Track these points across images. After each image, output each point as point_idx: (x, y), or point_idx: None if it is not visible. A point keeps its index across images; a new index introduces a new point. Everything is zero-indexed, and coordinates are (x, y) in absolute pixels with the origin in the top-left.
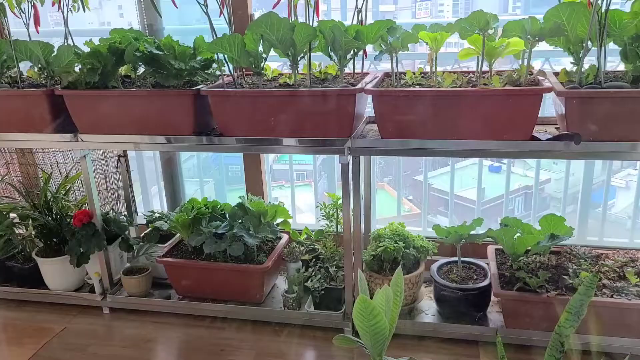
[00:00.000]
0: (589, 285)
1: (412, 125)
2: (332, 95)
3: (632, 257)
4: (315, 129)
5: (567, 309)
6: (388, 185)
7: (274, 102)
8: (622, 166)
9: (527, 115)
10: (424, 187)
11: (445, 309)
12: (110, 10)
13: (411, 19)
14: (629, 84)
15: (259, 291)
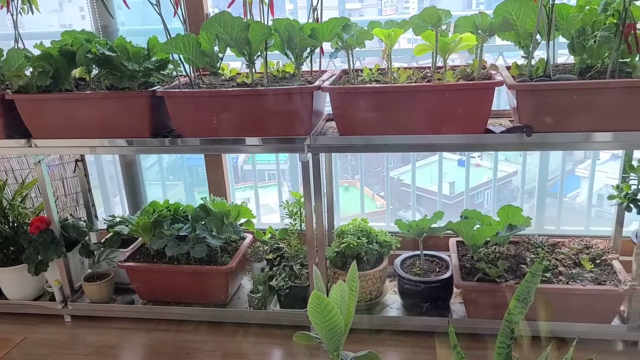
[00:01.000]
0: (535, 273)
1: (370, 121)
2: (289, 94)
3: (587, 244)
4: (274, 128)
5: (515, 296)
6: (359, 182)
7: (231, 102)
8: (585, 156)
9: (480, 108)
10: (387, 181)
11: (409, 302)
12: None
13: (377, 16)
14: (577, 75)
15: (224, 292)
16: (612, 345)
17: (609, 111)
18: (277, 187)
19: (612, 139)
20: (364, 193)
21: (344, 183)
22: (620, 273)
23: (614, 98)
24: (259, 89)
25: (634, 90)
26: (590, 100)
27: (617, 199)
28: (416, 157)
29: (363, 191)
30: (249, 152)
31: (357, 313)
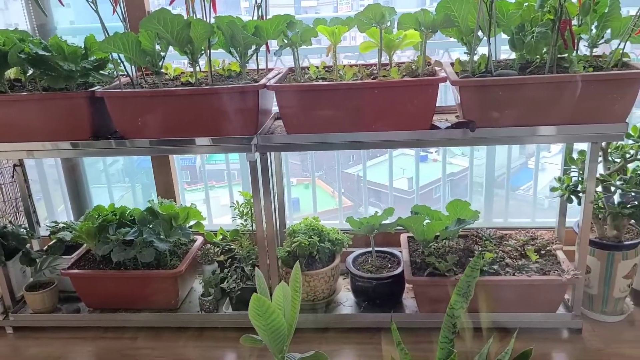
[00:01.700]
0: (474, 267)
1: (317, 119)
2: (234, 93)
3: (532, 235)
4: (220, 128)
5: (456, 291)
6: (320, 180)
7: (175, 102)
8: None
9: (425, 105)
10: (339, 177)
11: (361, 299)
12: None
13: (333, 13)
14: (517, 71)
15: (174, 297)
16: (558, 333)
17: (548, 105)
18: (228, 188)
19: (555, 133)
20: (325, 191)
21: (304, 181)
22: (563, 263)
23: (553, 92)
24: (203, 88)
25: (570, 85)
26: (531, 95)
27: (559, 190)
28: (369, 153)
29: (315, 189)
30: (196, 152)
31: (310, 312)
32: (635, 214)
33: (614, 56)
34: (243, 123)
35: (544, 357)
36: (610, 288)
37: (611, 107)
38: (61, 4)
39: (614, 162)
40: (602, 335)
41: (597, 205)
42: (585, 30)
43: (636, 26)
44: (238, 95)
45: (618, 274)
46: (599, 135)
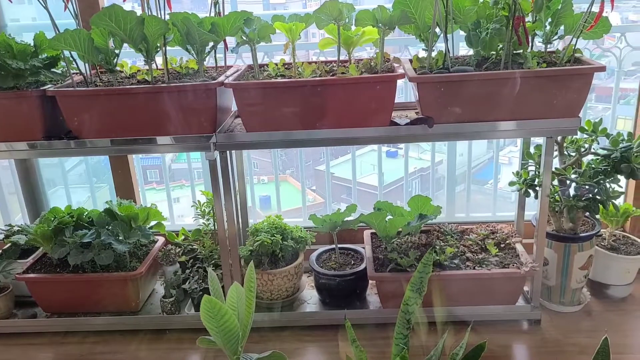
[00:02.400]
0: (426, 263)
1: (275, 117)
2: (191, 91)
3: (492, 229)
4: (178, 126)
5: (409, 286)
6: (291, 177)
7: (130, 100)
8: (504, 144)
9: (384, 101)
10: (301, 172)
11: (325, 296)
12: None
13: (302, 9)
14: (474, 67)
15: (135, 299)
16: (518, 325)
17: (504, 101)
18: (191, 187)
19: (511, 128)
20: (296, 188)
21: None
22: (522, 255)
23: (508, 88)
24: (158, 86)
25: (524, 80)
26: (487, 91)
27: (516, 184)
28: (340, 150)
29: (278, 186)
30: (153, 152)
31: (274, 311)
32: (589, 207)
33: (566, 52)
34: (201, 121)
35: (504, 348)
36: (568, 279)
37: (564, 102)
38: (10, 1)
39: (570, 156)
40: (560, 325)
41: (553, 199)
42: (540, 26)
43: (587, 22)
44: (195, 93)
45: (574, 265)
46: (553, 130)
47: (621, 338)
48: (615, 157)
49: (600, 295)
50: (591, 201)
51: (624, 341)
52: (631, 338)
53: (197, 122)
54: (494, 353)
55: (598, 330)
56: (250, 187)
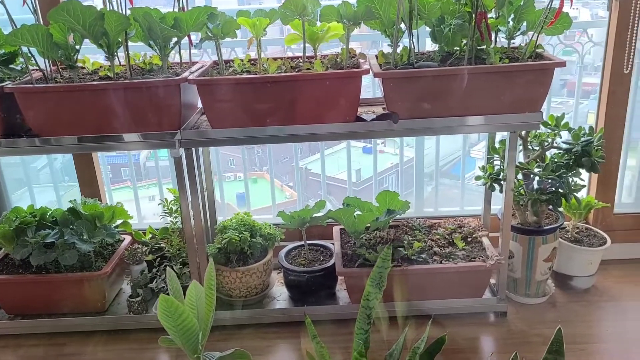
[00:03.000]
0: (385, 258)
1: (241, 113)
2: (153, 87)
3: (460, 223)
4: (142, 123)
5: (369, 282)
6: (267, 174)
7: (91, 97)
8: (479, 139)
9: (350, 97)
10: (270, 168)
11: (295, 293)
12: None
13: (277, 4)
14: (439, 63)
15: (101, 299)
16: (485, 317)
17: (468, 96)
18: (158, 185)
19: (475, 123)
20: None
21: (253, 175)
22: (488, 249)
23: (471, 83)
24: (120, 82)
25: (487, 76)
26: (451, 86)
27: (482, 179)
28: (316, 146)
29: (248, 183)
30: (117, 149)
31: (243, 308)
32: (552, 200)
33: (528, 48)
34: (165, 118)
35: (471, 341)
36: (533, 271)
37: (527, 97)
38: None
39: (534, 150)
40: (526, 317)
41: (517, 193)
42: (503, 22)
43: (548, 18)
44: (158, 90)
45: (539, 257)
46: (516, 124)
47: (584, 328)
48: (576, 151)
49: (565, 286)
50: (554, 194)
51: (588, 331)
52: (594, 328)
53: (161, 119)
54: (461, 346)
55: (562, 321)
56: (219, 184)
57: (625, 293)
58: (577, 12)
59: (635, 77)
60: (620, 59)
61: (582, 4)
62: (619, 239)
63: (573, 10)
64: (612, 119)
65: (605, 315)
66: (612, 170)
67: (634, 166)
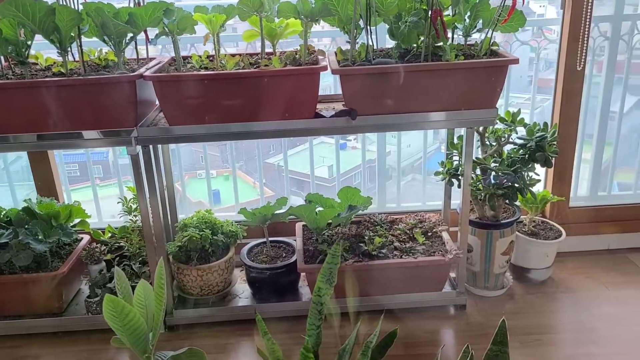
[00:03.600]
0: (334, 254)
1: (198, 110)
2: (108, 83)
3: (421, 218)
4: (97, 120)
5: (319, 277)
6: (240, 171)
7: (44, 94)
8: None
9: (308, 93)
10: (232, 163)
11: (257, 290)
12: None
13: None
14: (397, 59)
15: (58, 300)
16: (446, 311)
17: (425, 93)
18: (118, 183)
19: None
20: (246, 182)
21: (224, 172)
22: (447, 243)
23: (428, 80)
24: (73, 78)
25: (442, 73)
26: (408, 83)
27: (441, 174)
28: (289, 143)
29: (209, 179)
30: (72, 147)
31: (205, 306)
32: (508, 194)
33: (483, 45)
34: (121, 115)
35: (431, 334)
36: (491, 265)
37: (482, 93)
38: None
39: (491, 145)
40: (484, 309)
41: (475, 188)
42: (459, 20)
43: (501, 16)
44: (112, 86)
45: (497, 251)
46: (472, 120)
47: (540, 319)
48: (530, 146)
49: (522, 279)
50: (509, 189)
51: (543, 322)
52: (549, 319)
53: (116, 116)
54: (421, 339)
55: (519, 313)
56: (182, 181)
57: (580, 284)
58: (544, 10)
59: (589, 73)
60: (574, 56)
61: (549, 2)
62: (574, 231)
63: (540, 7)
64: (566, 115)
65: (561, 307)
66: (567, 165)
67: (589, 160)
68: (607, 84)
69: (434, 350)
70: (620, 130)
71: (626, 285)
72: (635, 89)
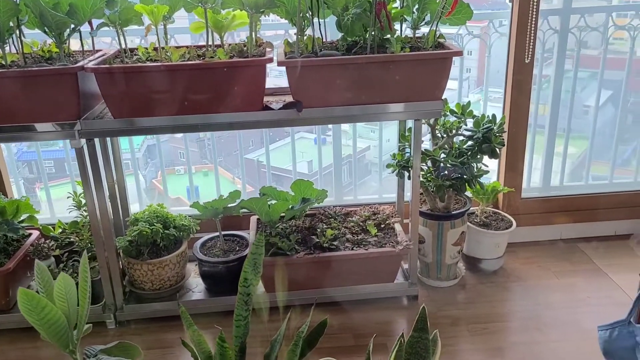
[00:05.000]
0: (258, 244)
1: (142, 102)
2: (48, 76)
3: (374, 210)
4: (40, 113)
5: (244, 268)
6: (219, 167)
7: None
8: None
9: (255, 85)
10: (187, 158)
11: (210, 283)
12: None
13: None
14: (344, 52)
15: (4, 297)
16: (398, 301)
17: (372, 85)
18: (70, 178)
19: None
20: (225, 177)
21: (203, 168)
22: (399, 235)
23: (374, 72)
24: (12, 71)
25: (386, 65)
26: (354, 75)
27: (392, 167)
28: (270, 138)
29: (165, 177)
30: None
31: (158, 301)
32: (456, 186)
33: (429, 37)
34: (65, 108)
35: (383, 325)
36: (443, 255)
37: (428, 86)
38: None
39: (441, 137)
40: (436, 299)
41: (426, 179)
42: (407, 12)
43: (445, 9)
44: (53, 79)
45: (448, 242)
46: (418, 112)
47: (490, 308)
48: (477, 138)
49: (474, 269)
50: (457, 180)
51: (492, 311)
52: (498, 308)
53: (59, 109)
54: (372, 329)
55: (471, 302)
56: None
57: (530, 274)
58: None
59: (538, 66)
60: (522, 49)
61: None
62: (525, 222)
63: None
64: (517, 107)
65: (511, 296)
66: (518, 157)
67: (542, 152)
68: (557, 77)
69: (384, 341)
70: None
71: (574, 274)
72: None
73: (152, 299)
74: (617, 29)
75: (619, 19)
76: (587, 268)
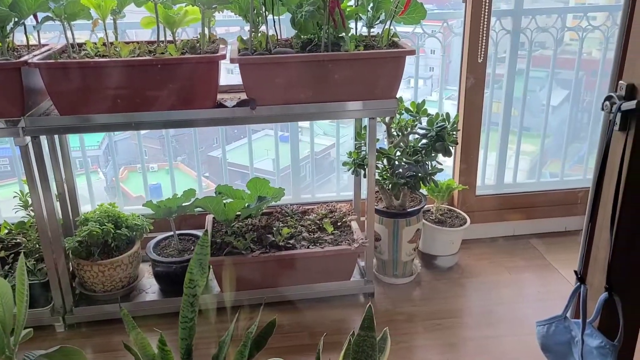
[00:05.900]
0: (203, 244)
1: (89, 99)
2: None
3: (332, 208)
4: None
5: (189, 269)
6: (183, 164)
7: None
8: None
9: (207, 82)
10: (140, 158)
11: (164, 284)
12: None
13: None
14: (298, 49)
15: None
16: (355, 299)
17: (325, 83)
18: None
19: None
20: (189, 175)
21: (166, 166)
22: (355, 233)
23: (328, 70)
24: None
25: (339, 63)
26: (306, 73)
27: (348, 165)
28: (232, 135)
29: (117, 172)
30: None
31: (109, 302)
32: (410, 183)
33: (384, 36)
34: (7, 104)
35: (337, 322)
36: (398, 253)
37: (381, 84)
38: None
39: (397, 135)
40: (392, 296)
41: (382, 177)
42: (362, 10)
43: (398, 8)
44: None
45: (403, 239)
46: (372, 110)
47: (444, 304)
48: (431, 136)
49: (430, 266)
50: (412, 178)
51: (446, 307)
52: (453, 304)
53: (1, 105)
54: (327, 327)
55: (426, 299)
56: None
57: (483, 270)
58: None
59: (491, 65)
60: (476, 48)
61: None
62: (479, 219)
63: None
64: (471, 106)
65: (465, 292)
66: (472, 155)
67: (495, 150)
68: (509, 76)
69: (340, 339)
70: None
71: (526, 269)
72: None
73: (103, 300)
74: (567, 30)
75: (575, 20)
76: (538, 263)
